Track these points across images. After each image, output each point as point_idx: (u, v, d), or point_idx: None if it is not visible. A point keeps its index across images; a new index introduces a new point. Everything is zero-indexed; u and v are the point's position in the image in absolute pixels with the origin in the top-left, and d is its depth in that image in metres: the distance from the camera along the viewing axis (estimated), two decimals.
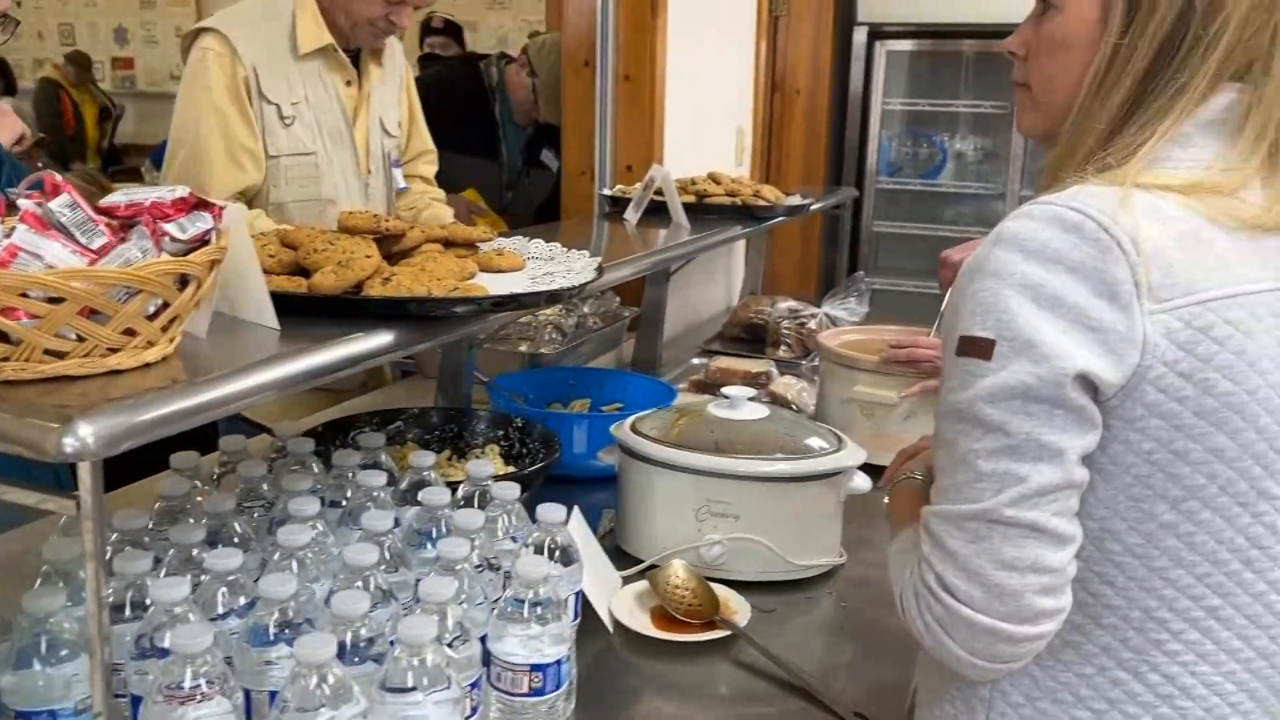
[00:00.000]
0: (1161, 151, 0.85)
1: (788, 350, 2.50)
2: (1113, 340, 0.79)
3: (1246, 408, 0.81)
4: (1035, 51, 0.93)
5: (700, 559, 1.33)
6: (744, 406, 1.43)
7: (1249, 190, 0.85)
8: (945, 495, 0.83)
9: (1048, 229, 0.81)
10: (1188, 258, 0.81)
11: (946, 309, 0.87)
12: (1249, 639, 0.87)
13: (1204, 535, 0.84)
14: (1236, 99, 0.85)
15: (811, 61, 3.96)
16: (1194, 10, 0.83)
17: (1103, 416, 0.81)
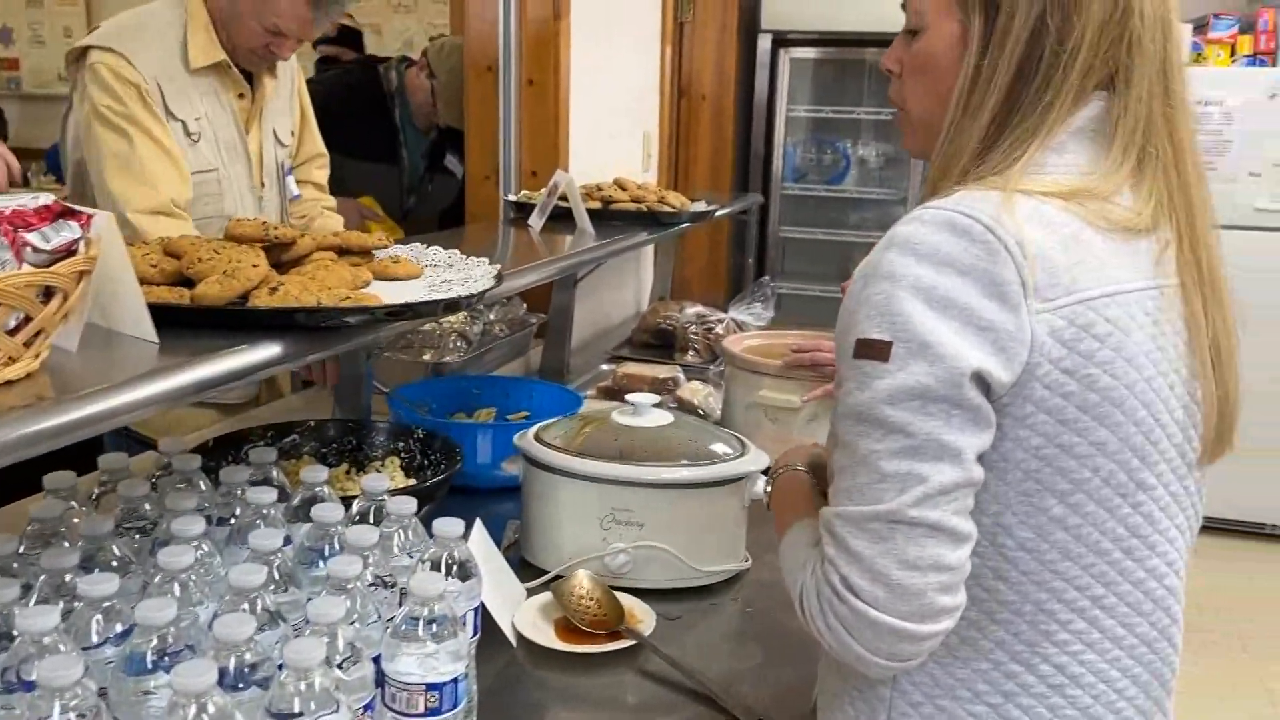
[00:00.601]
0: (1039, 158, 0.88)
1: (696, 355, 2.50)
2: (1003, 339, 0.81)
3: (1125, 402, 0.85)
4: (907, 70, 0.95)
5: (605, 568, 1.32)
6: (648, 413, 1.42)
7: (1120, 195, 0.88)
8: (848, 496, 0.83)
9: (939, 233, 0.83)
10: (1069, 259, 0.83)
11: (841, 312, 0.88)
12: (1131, 626, 0.91)
13: (1089, 527, 0.87)
14: (1104, 108, 0.88)
15: (717, 68, 3.99)
16: (1048, 29, 0.86)
17: (995, 415, 0.83)
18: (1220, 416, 0.92)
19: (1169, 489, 0.90)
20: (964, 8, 0.89)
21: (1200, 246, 0.90)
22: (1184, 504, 0.92)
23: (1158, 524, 0.90)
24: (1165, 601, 0.92)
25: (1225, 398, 0.92)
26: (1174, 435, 0.89)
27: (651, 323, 2.70)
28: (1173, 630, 0.94)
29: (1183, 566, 0.94)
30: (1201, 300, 0.90)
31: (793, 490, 1.04)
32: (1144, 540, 0.89)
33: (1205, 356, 0.90)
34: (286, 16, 1.71)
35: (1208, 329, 0.90)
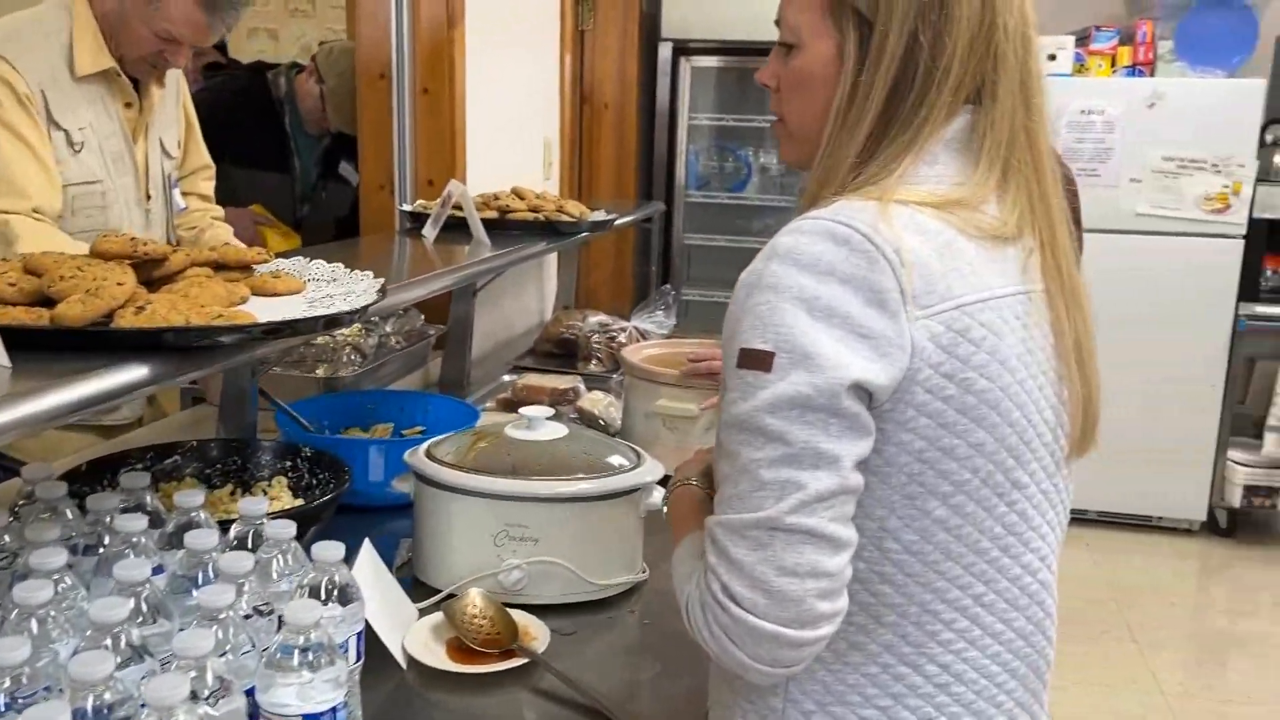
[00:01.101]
0: (913, 169, 0.90)
1: (599, 364, 2.50)
2: (884, 346, 0.82)
3: (1000, 404, 0.87)
4: (784, 85, 0.97)
5: (500, 585, 1.30)
6: (543, 427, 1.41)
7: (988, 204, 0.91)
8: (729, 505, 0.84)
9: (819, 242, 0.84)
10: (945, 266, 0.86)
11: (725, 322, 0.89)
12: (1009, 621, 0.93)
13: (969, 527, 0.89)
14: (971, 120, 0.91)
15: (619, 76, 4.00)
16: (920, 46, 0.88)
17: (876, 421, 0.84)
18: (1084, 415, 0.96)
19: (1040, 486, 0.93)
20: (838, 26, 0.91)
21: (1060, 253, 0.94)
22: (1054, 500, 0.96)
23: (1031, 521, 0.93)
24: (1040, 596, 0.96)
25: (1088, 397, 0.96)
26: (1044, 435, 0.92)
27: (554, 332, 2.69)
28: (1047, 624, 0.98)
29: (1054, 561, 0.98)
30: (1064, 304, 0.93)
31: (686, 505, 1.04)
32: (1019, 537, 0.92)
33: (1069, 358, 0.94)
34: (179, 22, 1.65)
35: (1070, 332, 0.94)
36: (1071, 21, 4.41)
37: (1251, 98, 3.79)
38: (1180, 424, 4.02)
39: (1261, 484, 3.95)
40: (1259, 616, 3.46)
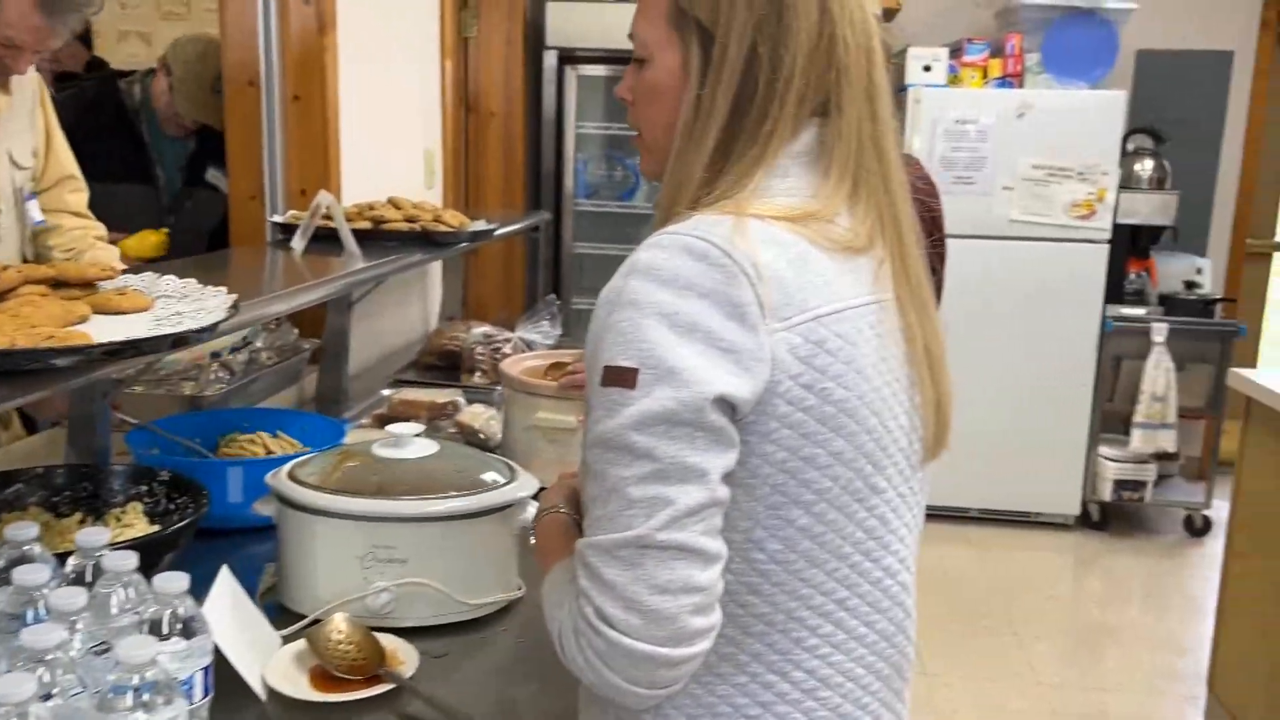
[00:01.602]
0: (765, 183, 0.90)
1: (483, 377, 2.46)
2: (745, 360, 0.83)
3: (858, 412, 0.88)
4: (638, 99, 0.97)
5: (367, 609, 1.26)
6: (411, 444, 1.37)
7: (840, 215, 0.92)
8: (599, 526, 0.83)
9: (678, 258, 0.84)
10: (800, 278, 0.86)
11: (588, 340, 0.88)
12: (872, 624, 0.95)
13: (831, 534, 0.90)
14: (819, 133, 0.92)
15: (505, 84, 3.97)
16: (760, 60, 0.89)
17: (740, 433, 0.85)
18: (937, 419, 0.99)
19: (898, 490, 0.95)
20: (683, 39, 0.92)
21: (910, 261, 0.96)
22: (910, 503, 0.98)
23: (890, 524, 0.95)
24: (900, 597, 0.97)
25: (940, 402, 0.98)
26: (900, 440, 0.94)
27: (437, 344, 2.64)
28: (907, 624, 0.99)
29: (913, 562, 1.00)
30: (914, 312, 0.95)
31: (554, 533, 1.02)
32: (880, 541, 0.94)
33: (921, 364, 0.96)
34: (15, 26, 1.57)
35: (921, 338, 0.96)
36: (945, 34, 4.55)
37: (1113, 108, 3.97)
38: (1054, 422, 4.18)
39: (1130, 478, 4.13)
40: (1129, 606, 3.61)
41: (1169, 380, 4.03)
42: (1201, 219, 4.67)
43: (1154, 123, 4.39)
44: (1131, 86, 4.56)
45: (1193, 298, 4.18)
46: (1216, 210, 4.70)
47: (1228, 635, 2.79)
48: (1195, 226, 4.64)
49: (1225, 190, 4.69)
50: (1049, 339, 4.12)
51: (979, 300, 4.11)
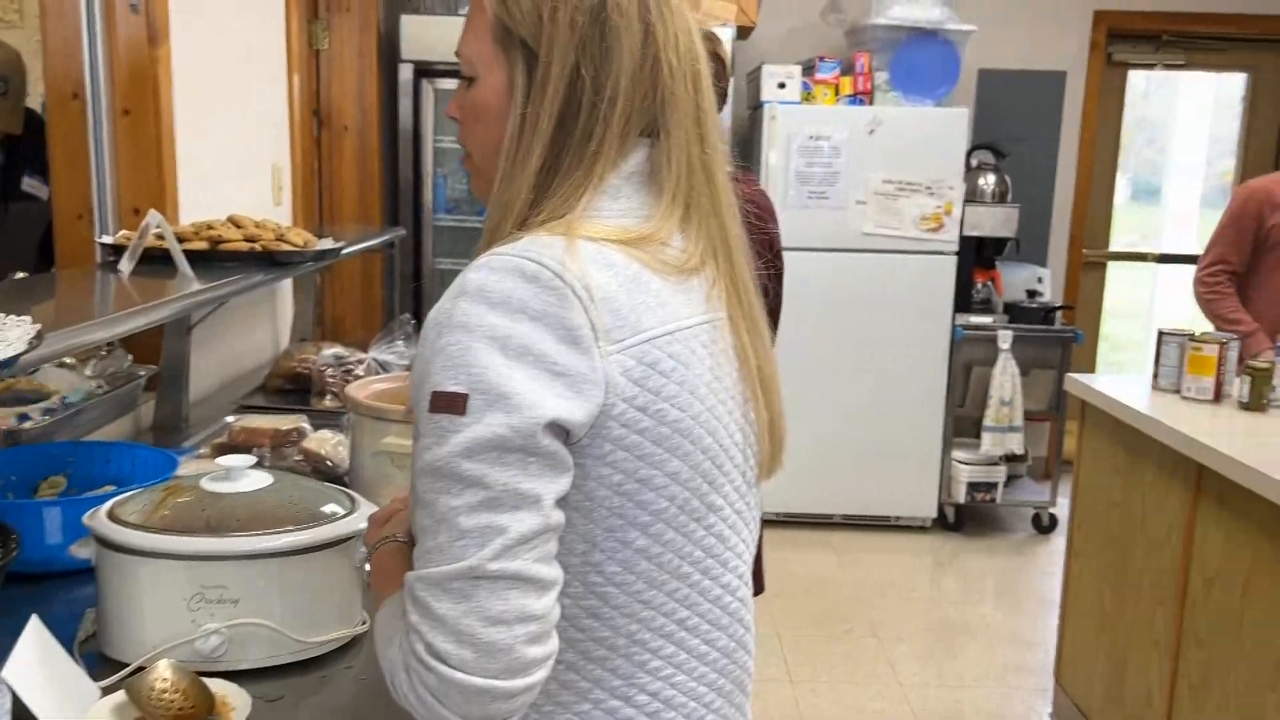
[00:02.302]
0: (596, 204, 0.90)
1: (334, 400, 2.38)
2: (579, 383, 0.82)
3: (693, 432, 0.89)
4: (465, 118, 0.97)
5: (196, 653, 1.19)
6: (244, 477, 1.31)
7: (673, 237, 0.92)
8: (429, 558, 0.80)
9: (509, 280, 0.83)
10: (633, 300, 0.86)
11: (414, 364, 0.86)
12: (713, 642, 0.95)
13: (670, 554, 0.90)
14: (650, 155, 0.92)
15: (359, 98, 3.87)
16: (583, 80, 0.89)
17: (574, 457, 0.84)
18: (771, 436, 1.00)
19: (735, 508, 0.96)
20: (508, 58, 0.92)
21: (740, 281, 0.97)
22: (747, 519, 0.99)
23: (728, 542, 0.96)
24: (740, 613, 0.98)
25: (773, 419, 1.00)
26: (735, 458, 0.95)
27: (286, 367, 2.54)
28: (747, 639, 1.01)
29: (749, 578, 1.01)
30: (746, 331, 0.97)
31: (389, 564, 0.99)
32: (718, 559, 0.95)
33: (753, 383, 0.97)
34: None
35: (753, 357, 0.97)
36: (799, 52, 4.67)
37: (957, 125, 4.14)
38: (910, 428, 4.32)
39: (981, 480, 4.30)
40: (983, 604, 3.75)
41: (1015, 385, 4.21)
42: (1041, 230, 4.92)
43: (995, 139, 4.60)
44: (974, 104, 4.77)
45: (1034, 306, 4.38)
46: (1055, 222, 4.95)
47: (1070, 628, 2.92)
48: (1036, 237, 4.89)
49: (1062, 203, 4.95)
50: (903, 347, 4.26)
51: (835, 311, 4.23)
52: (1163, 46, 4.98)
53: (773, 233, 1.71)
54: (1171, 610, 2.39)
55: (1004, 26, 4.77)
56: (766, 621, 3.50)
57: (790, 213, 4.15)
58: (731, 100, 4.10)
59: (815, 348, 4.25)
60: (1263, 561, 2.05)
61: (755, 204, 1.09)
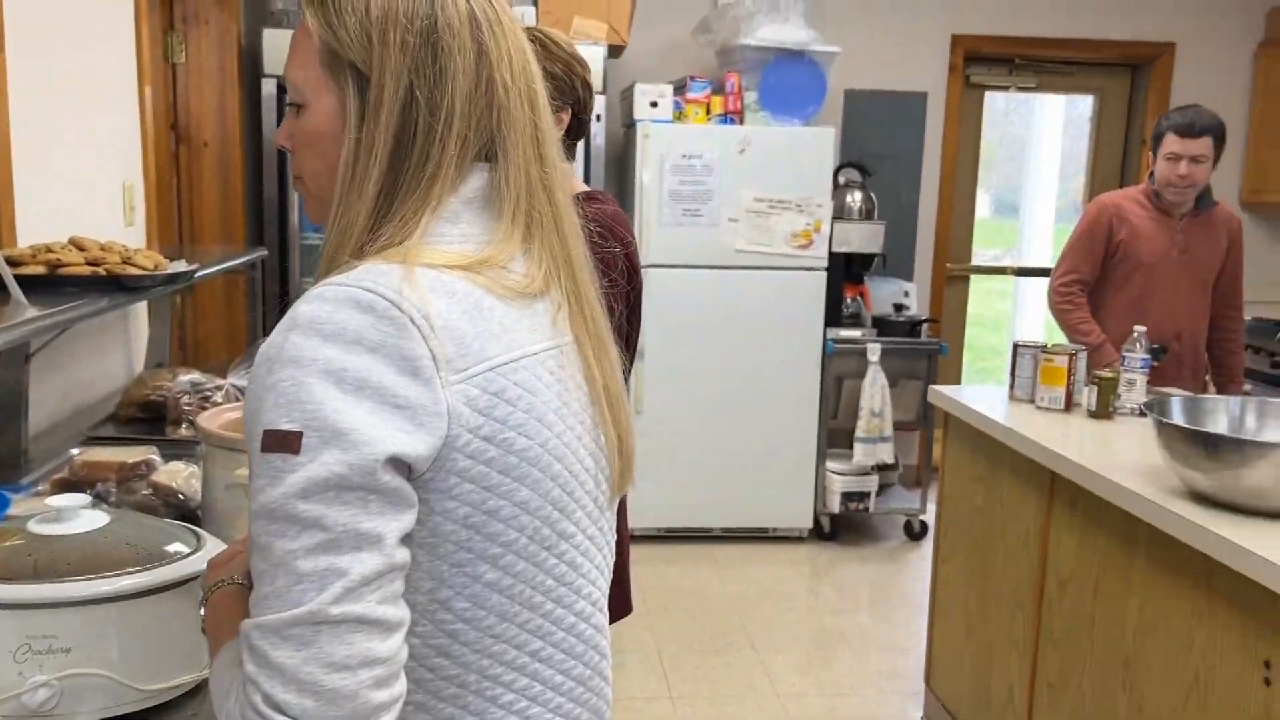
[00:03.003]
0: (435, 229, 0.89)
1: (190, 429, 2.28)
2: (421, 416, 0.79)
3: (541, 459, 0.87)
4: (297, 145, 0.94)
5: (24, 708, 1.12)
6: (76, 518, 1.24)
7: (515, 261, 0.91)
8: (266, 604, 0.77)
9: (343, 310, 0.80)
10: (476, 328, 0.84)
11: (246, 402, 0.82)
12: (568, 671, 0.94)
13: (521, 585, 0.88)
14: (488, 178, 0.91)
15: (219, 112, 3.75)
16: (417, 103, 0.88)
17: (418, 491, 0.81)
18: (620, 456, 0.99)
19: (587, 534, 0.95)
20: (337, 83, 0.90)
21: (586, 303, 0.97)
22: (600, 544, 0.98)
23: (581, 569, 0.95)
24: (595, 640, 0.97)
25: (621, 439, 0.99)
26: (586, 483, 0.94)
27: (139, 395, 2.43)
28: (603, 665, 1.00)
29: (604, 604, 1.00)
30: (593, 353, 0.96)
31: (226, 610, 0.94)
32: (571, 587, 0.93)
33: (601, 404, 0.97)
34: None
35: (600, 378, 0.97)
36: (670, 72, 4.72)
37: (825, 144, 4.24)
38: (785, 441, 4.40)
39: (854, 490, 4.41)
40: (859, 612, 3.83)
41: (884, 396, 4.33)
42: (907, 246, 5.08)
43: (862, 157, 4.74)
44: (841, 124, 4.91)
45: (901, 319, 4.52)
46: (920, 237, 5.12)
47: (939, 632, 3.01)
48: (902, 253, 5.05)
49: (926, 219, 5.12)
50: (777, 362, 4.34)
51: (711, 327, 4.28)
52: (1016, 70, 5.22)
53: (619, 252, 1.70)
54: (1030, 612, 2.48)
55: (868, 48, 4.92)
56: (646, 639, 3.50)
57: (665, 230, 4.19)
58: (604, 118, 4.12)
59: (692, 363, 4.29)
60: (1111, 564, 2.15)
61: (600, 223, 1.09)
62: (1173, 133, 3.14)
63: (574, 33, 4.08)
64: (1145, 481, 2.05)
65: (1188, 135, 3.11)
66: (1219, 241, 3.28)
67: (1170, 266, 3.25)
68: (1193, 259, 3.26)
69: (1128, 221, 3.26)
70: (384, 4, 0.89)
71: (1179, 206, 3.24)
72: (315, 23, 0.91)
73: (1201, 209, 3.27)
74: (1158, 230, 3.25)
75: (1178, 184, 3.16)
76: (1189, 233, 3.26)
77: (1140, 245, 3.24)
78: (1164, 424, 1.94)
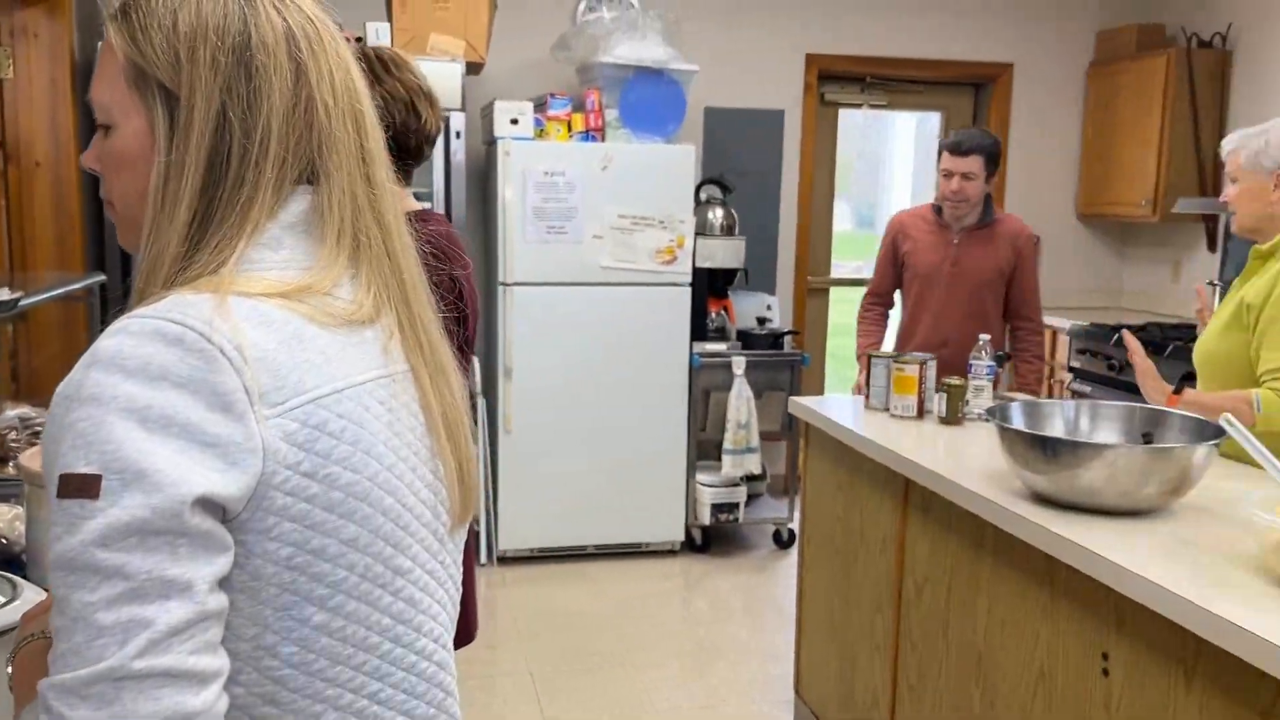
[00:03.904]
0: (252, 255, 0.85)
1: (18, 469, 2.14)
2: (233, 454, 0.75)
3: (370, 494, 0.84)
4: (105, 168, 0.90)
5: None
6: None
7: (341, 287, 0.88)
8: (64, 661, 0.71)
9: (148, 344, 0.76)
10: (295, 359, 0.81)
11: (43, 443, 0.77)
12: (410, 711, 0.91)
13: (354, 626, 0.84)
14: (312, 201, 0.88)
15: (52, 131, 3.55)
16: (230, 124, 0.84)
17: (235, 534, 0.77)
18: (461, 486, 0.96)
19: (426, 568, 0.92)
20: (146, 103, 0.85)
21: (422, 329, 0.94)
22: (441, 578, 0.95)
23: (421, 605, 0.91)
24: (438, 678, 0.94)
25: (461, 467, 0.96)
26: (423, 515, 0.91)
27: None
28: (449, 702, 0.97)
29: (449, 639, 0.97)
30: (429, 380, 0.93)
31: (32, 666, 0.88)
32: (410, 624, 0.90)
33: (439, 433, 0.93)
34: None
35: (438, 406, 0.93)
36: (530, 89, 4.71)
37: (686, 161, 4.29)
38: (655, 455, 4.42)
39: (724, 501, 4.46)
40: (731, 622, 3.87)
41: (750, 408, 4.40)
42: (769, 260, 5.19)
43: (723, 174, 4.82)
44: (701, 141, 4.98)
45: (765, 332, 4.60)
46: (781, 251, 5.24)
47: (806, 639, 3.06)
48: (764, 267, 5.15)
49: (787, 233, 5.24)
50: (645, 377, 4.36)
51: (578, 344, 4.27)
52: (868, 88, 5.40)
53: (460, 274, 1.68)
54: (889, 616, 2.55)
55: (727, 67, 5.02)
56: (518, 662, 3.46)
57: (530, 248, 4.17)
58: (464, 135, 4.08)
59: (559, 381, 4.27)
60: (962, 565, 2.23)
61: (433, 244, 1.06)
62: (946, 151, 3.43)
63: (431, 49, 4.03)
64: (990, 484, 2.13)
65: (957, 153, 3.39)
66: (999, 254, 3.50)
67: (941, 278, 3.51)
68: (964, 271, 3.49)
69: (910, 236, 3.57)
70: (193, 20, 0.85)
71: (958, 221, 3.50)
72: (119, 39, 0.86)
73: (983, 223, 3.50)
74: (935, 243, 3.52)
75: (951, 199, 3.45)
76: (963, 246, 3.50)
77: (919, 258, 3.54)
78: (1005, 429, 2.02)
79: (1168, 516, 1.93)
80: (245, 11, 0.87)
